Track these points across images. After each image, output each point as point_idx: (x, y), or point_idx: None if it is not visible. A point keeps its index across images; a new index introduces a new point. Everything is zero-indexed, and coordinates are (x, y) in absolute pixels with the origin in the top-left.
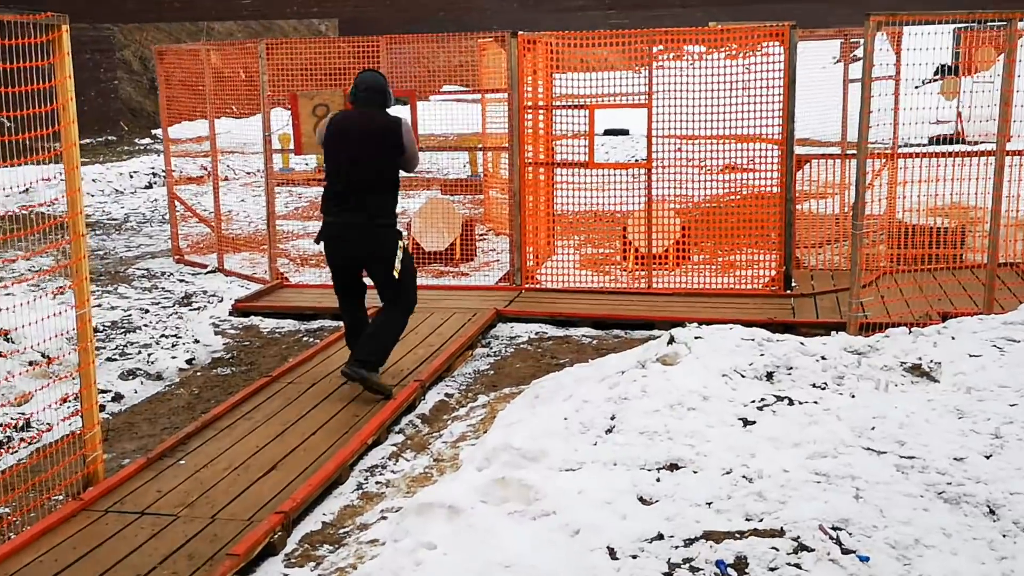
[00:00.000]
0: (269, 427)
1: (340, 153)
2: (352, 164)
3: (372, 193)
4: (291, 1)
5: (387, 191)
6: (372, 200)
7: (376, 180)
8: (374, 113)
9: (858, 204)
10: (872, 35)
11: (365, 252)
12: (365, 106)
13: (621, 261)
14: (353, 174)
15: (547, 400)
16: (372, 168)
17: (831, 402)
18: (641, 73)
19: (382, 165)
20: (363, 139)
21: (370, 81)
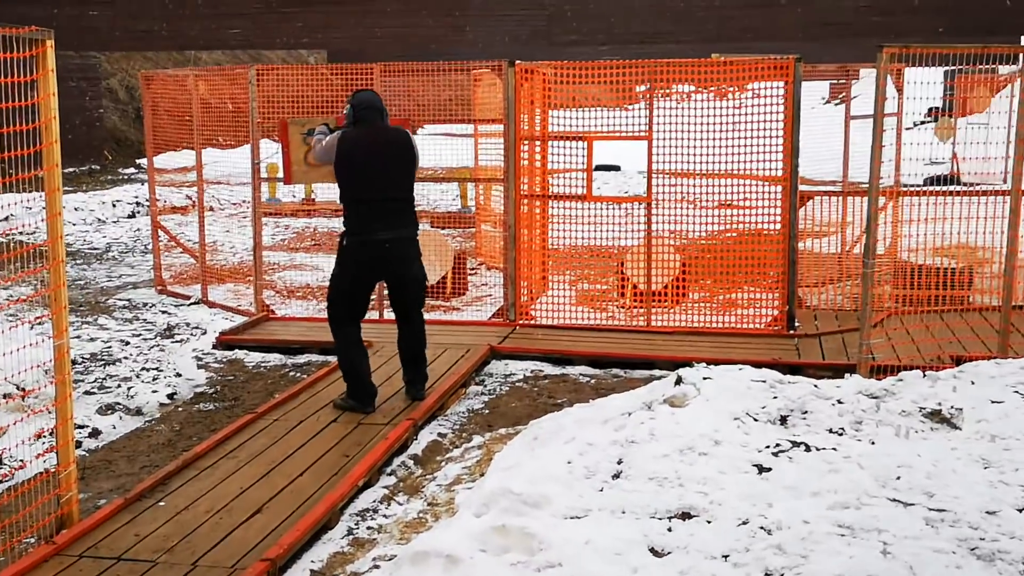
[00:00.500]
0: (254, 467)
1: (369, 169)
2: (387, 178)
3: (409, 206)
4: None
5: (412, 204)
6: (410, 213)
7: (408, 193)
8: (386, 127)
9: (869, 241)
10: (885, 68)
11: (409, 268)
12: (371, 122)
13: (618, 298)
14: (391, 189)
15: (547, 442)
16: (405, 181)
17: (851, 449)
18: (632, 110)
19: (410, 176)
20: (390, 153)
21: (368, 99)
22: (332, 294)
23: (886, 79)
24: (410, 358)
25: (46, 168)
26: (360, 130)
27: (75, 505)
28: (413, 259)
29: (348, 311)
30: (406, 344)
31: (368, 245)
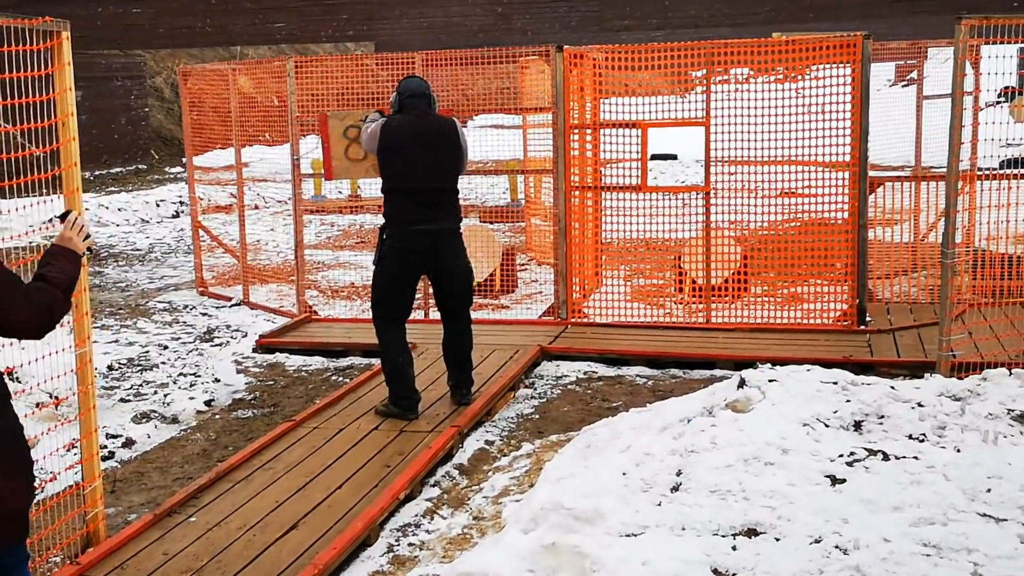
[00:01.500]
0: (290, 479)
1: (410, 156)
2: (429, 167)
3: (452, 196)
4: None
5: (456, 196)
6: (453, 205)
7: (452, 183)
8: (432, 115)
9: (948, 230)
10: (963, 42)
11: (452, 261)
12: (416, 110)
13: (676, 293)
14: (433, 178)
15: (601, 450)
16: (449, 171)
17: (934, 457)
18: (687, 97)
19: (455, 167)
20: (435, 142)
21: (415, 87)
22: (375, 294)
23: (965, 56)
24: (456, 361)
25: (64, 167)
26: (404, 117)
27: (101, 522)
28: (457, 252)
29: (392, 311)
30: (452, 346)
31: (408, 237)
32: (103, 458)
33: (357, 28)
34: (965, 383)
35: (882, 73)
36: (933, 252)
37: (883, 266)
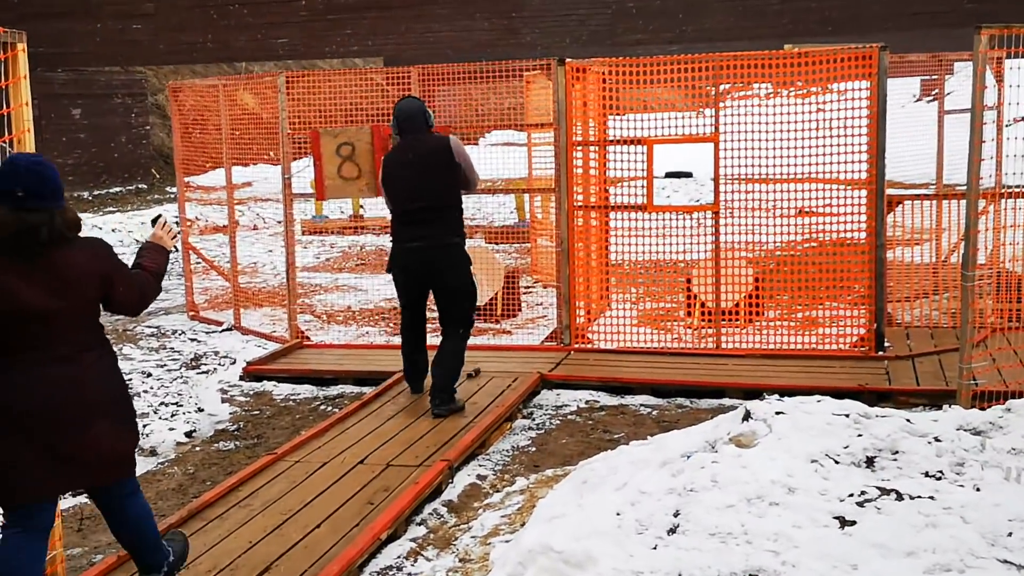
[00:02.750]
0: (267, 517)
1: (401, 181)
2: (418, 188)
3: (443, 214)
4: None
5: (454, 211)
6: (444, 222)
7: (442, 201)
8: (424, 137)
9: (969, 251)
10: (983, 53)
11: (440, 277)
12: (411, 133)
13: (685, 317)
14: (427, 199)
15: (596, 487)
16: (438, 190)
17: (951, 497)
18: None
19: (449, 185)
20: (426, 164)
21: (407, 109)
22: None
23: (985, 67)
24: (434, 373)
25: None
26: (398, 145)
27: (60, 565)
28: (446, 268)
29: (405, 315)
30: (434, 365)
31: (400, 253)
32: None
33: (362, 43)
34: (986, 415)
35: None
36: (955, 274)
37: (903, 288)
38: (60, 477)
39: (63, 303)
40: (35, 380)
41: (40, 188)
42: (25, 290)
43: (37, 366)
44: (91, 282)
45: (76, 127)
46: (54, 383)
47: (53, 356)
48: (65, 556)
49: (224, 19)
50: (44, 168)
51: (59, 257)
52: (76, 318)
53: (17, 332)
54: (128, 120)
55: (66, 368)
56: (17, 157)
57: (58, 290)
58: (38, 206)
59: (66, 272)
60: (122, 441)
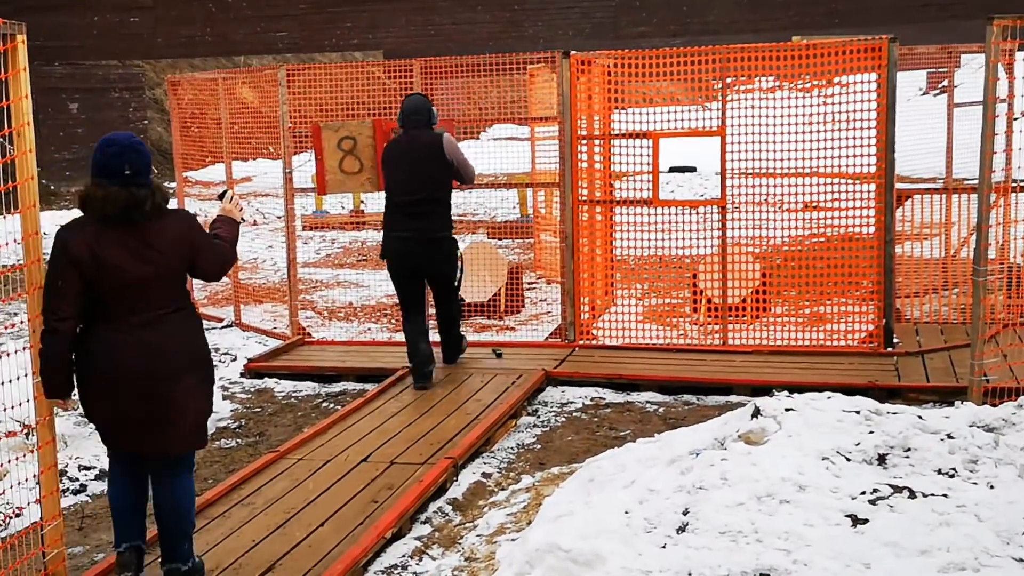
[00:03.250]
0: (270, 516)
1: (398, 174)
2: (409, 182)
3: (431, 207)
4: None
5: (442, 206)
6: (431, 215)
7: (429, 194)
8: (419, 133)
9: (980, 245)
10: (995, 44)
11: (427, 263)
12: (413, 128)
13: (691, 313)
14: (416, 192)
15: (604, 485)
16: (426, 183)
17: (965, 495)
18: (713, 104)
19: (431, 183)
20: (418, 157)
21: (414, 105)
22: None
23: (997, 58)
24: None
25: (20, 182)
26: (398, 137)
27: (62, 563)
28: (440, 260)
29: (400, 299)
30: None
31: (389, 241)
32: (74, 491)
33: (362, 37)
34: (999, 411)
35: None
36: (965, 268)
37: (912, 284)
38: (152, 435)
39: (154, 269)
40: (129, 340)
41: (143, 165)
42: (124, 259)
43: (131, 327)
44: (180, 250)
45: (73, 121)
46: (146, 343)
47: (144, 319)
48: (66, 555)
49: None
50: (142, 146)
51: (153, 228)
52: (165, 282)
53: (114, 297)
54: (126, 114)
55: (155, 330)
56: (118, 137)
57: (151, 258)
58: (142, 182)
59: (159, 241)
60: (205, 402)
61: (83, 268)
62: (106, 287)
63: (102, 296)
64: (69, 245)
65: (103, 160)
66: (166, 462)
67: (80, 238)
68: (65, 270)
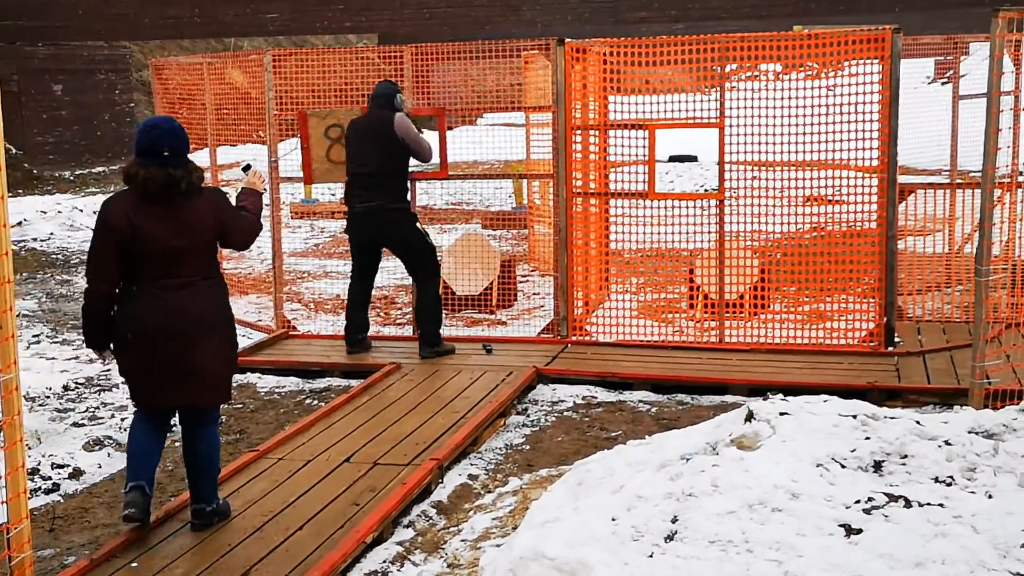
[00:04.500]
0: (247, 519)
1: (355, 149)
2: (359, 159)
3: (384, 180)
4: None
5: (392, 179)
6: (384, 188)
7: (381, 168)
8: (379, 113)
9: (983, 244)
10: (1000, 37)
11: (380, 234)
12: (376, 109)
13: (687, 309)
14: (368, 165)
15: (592, 490)
16: (378, 157)
17: (962, 505)
18: (712, 94)
19: (382, 157)
20: (365, 137)
21: (379, 89)
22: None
23: (1003, 50)
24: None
25: None
26: (362, 116)
27: (29, 568)
28: (395, 229)
29: (352, 266)
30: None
31: (350, 215)
32: (46, 491)
33: (354, 20)
34: (1000, 416)
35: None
36: (969, 265)
37: (914, 281)
38: (176, 389)
39: (187, 242)
40: (160, 302)
41: (181, 147)
42: (158, 231)
43: (162, 291)
44: (211, 226)
45: (57, 104)
46: (175, 305)
47: (175, 284)
48: (35, 558)
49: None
50: (181, 130)
51: (187, 205)
52: (196, 254)
53: (149, 264)
54: (112, 97)
55: (185, 293)
56: (160, 122)
57: (184, 232)
58: (179, 163)
59: (192, 217)
60: (228, 363)
61: (121, 237)
62: (141, 255)
63: (137, 263)
64: (109, 216)
65: (146, 142)
66: (194, 414)
67: (120, 209)
68: (105, 237)
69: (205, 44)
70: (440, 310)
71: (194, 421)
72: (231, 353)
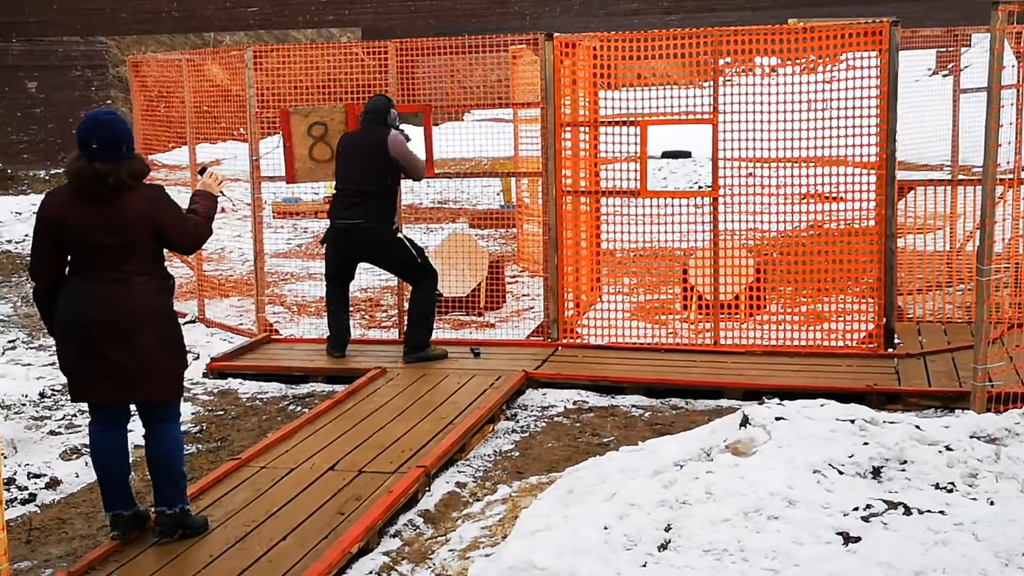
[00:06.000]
0: (229, 529)
1: (344, 164)
2: (347, 175)
3: (370, 198)
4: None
5: (379, 197)
6: (376, 205)
7: (370, 187)
8: (370, 129)
9: (984, 243)
10: (1000, 30)
11: (361, 251)
12: (368, 124)
13: (681, 311)
14: (356, 184)
15: (583, 498)
16: (372, 178)
17: (963, 512)
18: (707, 88)
19: (371, 175)
20: (355, 153)
21: (373, 104)
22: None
23: (1003, 44)
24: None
25: None
26: (353, 132)
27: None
28: (372, 244)
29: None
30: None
31: (332, 228)
32: (22, 501)
33: (337, 13)
34: (1002, 420)
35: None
36: (971, 263)
37: (914, 280)
38: (112, 382)
39: (119, 239)
40: (92, 294)
41: (111, 141)
42: (89, 226)
43: (95, 284)
44: (144, 224)
45: (32, 101)
46: (107, 298)
47: (108, 278)
48: (11, 571)
49: None
50: (115, 124)
51: (120, 201)
52: (130, 251)
53: (83, 259)
54: (88, 94)
55: (118, 288)
56: (96, 113)
57: (115, 229)
58: (109, 157)
59: (124, 214)
60: (168, 357)
61: (53, 231)
62: (75, 250)
63: (73, 257)
64: (44, 209)
65: (77, 134)
66: (146, 411)
67: (54, 203)
68: (40, 231)
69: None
70: (429, 316)
71: (147, 419)
72: (172, 348)
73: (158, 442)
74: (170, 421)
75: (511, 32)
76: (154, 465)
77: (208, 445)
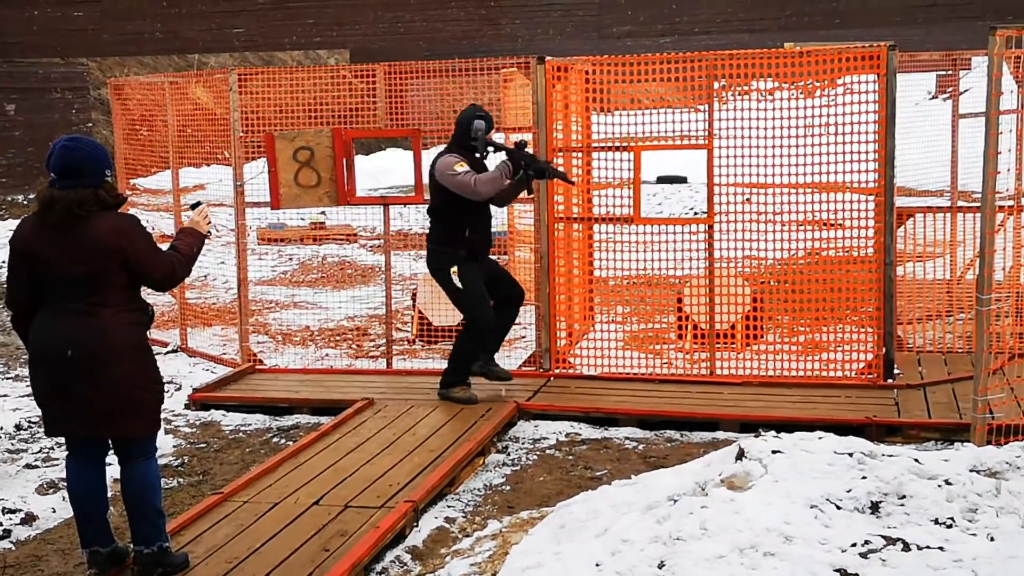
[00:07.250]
0: (210, 566)
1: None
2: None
3: (434, 223)
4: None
5: (437, 218)
6: (433, 228)
7: (430, 207)
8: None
9: (984, 272)
10: (999, 55)
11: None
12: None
13: (676, 340)
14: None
15: (575, 534)
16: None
17: (963, 548)
18: (703, 112)
19: (432, 195)
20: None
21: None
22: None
23: (1001, 69)
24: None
25: None
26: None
27: None
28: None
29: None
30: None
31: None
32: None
33: (325, 35)
34: (1002, 453)
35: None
36: (971, 292)
37: (914, 309)
38: (83, 417)
39: (85, 269)
40: (59, 327)
41: (70, 169)
42: (55, 255)
43: (64, 315)
44: (109, 254)
45: (10, 124)
46: (75, 330)
47: (77, 310)
48: None
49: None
50: (75, 151)
51: (86, 230)
52: (98, 282)
53: (52, 289)
54: (68, 116)
55: (86, 319)
56: (63, 139)
57: (82, 259)
58: (71, 184)
59: (89, 243)
60: (138, 393)
61: (22, 260)
62: (43, 279)
63: (43, 286)
64: (13, 238)
65: (46, 162)
66: (120, 447)
67: (22, 232)
68: (12, 260)
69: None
70: (463, 360)
71: (122, 455)
72: (144, 383)
73: (133, 480)
74: (145, 458)
75: (503, 54)
76: (130, 504)
77: (189, 479)
